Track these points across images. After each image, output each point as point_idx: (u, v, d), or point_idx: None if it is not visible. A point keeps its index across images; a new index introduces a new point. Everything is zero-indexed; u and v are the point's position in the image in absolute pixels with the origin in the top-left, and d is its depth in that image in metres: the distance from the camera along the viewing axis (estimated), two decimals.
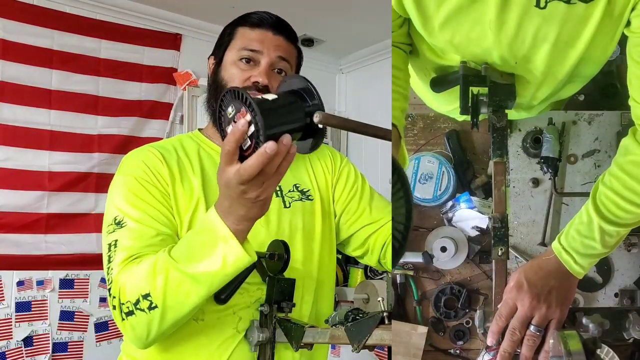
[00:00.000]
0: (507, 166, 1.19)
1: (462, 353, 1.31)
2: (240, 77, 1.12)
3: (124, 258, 0.98)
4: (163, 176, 1.08)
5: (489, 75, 1.02)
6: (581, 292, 1.25)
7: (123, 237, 1.00)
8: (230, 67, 1.14)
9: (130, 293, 0.93)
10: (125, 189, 1.05)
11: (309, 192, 1.24)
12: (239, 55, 1.13)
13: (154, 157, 1.10)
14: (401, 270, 1.32)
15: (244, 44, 1.14)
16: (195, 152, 1.17)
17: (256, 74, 1.12)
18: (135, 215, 1.02)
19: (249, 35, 1.15)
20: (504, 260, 1.00)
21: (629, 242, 1.26)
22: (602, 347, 1.14)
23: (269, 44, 1.14)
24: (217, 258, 0.88)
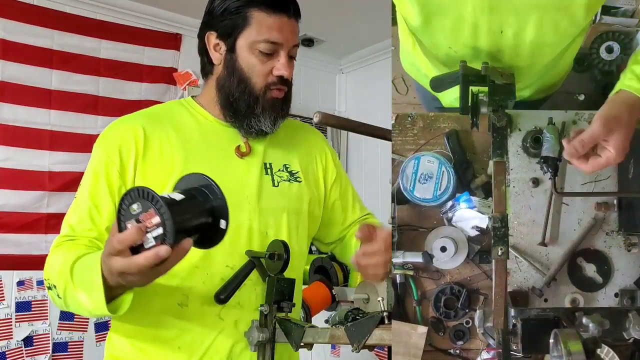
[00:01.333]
0: (507, 166, 1.19)
1: (462, 353, 1.31)
2: (262, 70, 1.12)
3: (62, 234, 1.09)
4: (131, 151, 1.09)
5: (489, 75, 1.02)
6: (581, 292, 1.25)
7: (72, 208, 1.10)
8: (248, 56, 1.12)
9: (47, 274, 1.04)
10: (91, 160, 1.12)
11: (297, 174, 1.24)
12: (258, 47, 1.10)
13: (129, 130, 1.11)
14: (401, 270, 1.32)
15: (264, 34, 1.10)
16: (185, 120, 1.17)
17: (279, 66, 1.11)
18: (88, 189, 1.09)
19: (267, 22, 1.10)
20: (504, 260, 1.00)
21: (629, 242, 1.26)
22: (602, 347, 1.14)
23: (287, 32, 1.12)
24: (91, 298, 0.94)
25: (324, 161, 1.32)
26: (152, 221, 0.79)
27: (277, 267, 1.02)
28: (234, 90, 1.13)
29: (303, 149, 1.29)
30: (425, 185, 1.29)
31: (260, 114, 1.13)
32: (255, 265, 1.04)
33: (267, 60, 1.11)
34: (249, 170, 1.17)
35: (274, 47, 1.11)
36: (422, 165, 1.30)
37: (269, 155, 1.22)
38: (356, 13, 2.93)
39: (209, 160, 1.14)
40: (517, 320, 1.05)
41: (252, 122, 1.14)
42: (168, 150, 1.11)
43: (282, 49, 1.11)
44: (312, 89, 3.58)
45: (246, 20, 1.11)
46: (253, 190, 1.15)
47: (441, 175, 1.29)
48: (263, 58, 1.11)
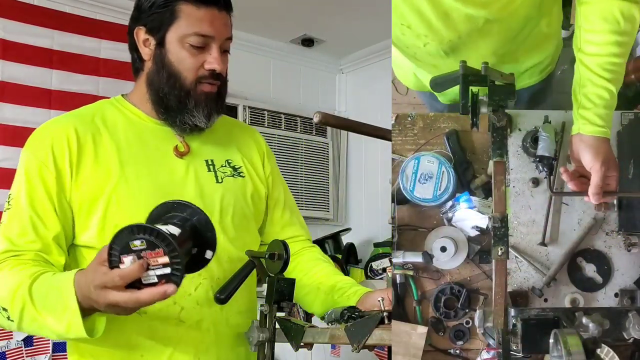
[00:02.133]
0: (507, 166, 1.19)
1: (462, 353, 1.31)
2: (193, 64, 1.09)
3: (2, 250, 1.02)
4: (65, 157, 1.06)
5: (489, 75, 1.02)
6: (581, 292, 1.25)
7: (8, 219, 1.04)
8: (178, 51, 1.09)
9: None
10: (22, 168, 1.08)
11: (240, 169, 1.23)
12: (188, 40, 1.08)
13: (63, 136, 1.07)
14: (401, 270, 1.32)
15: (193, 27, 1.08)
16: (117, 120, 1.15)
17: (210, 60, 1.09)
18: (22, 202, 1.04)
19: (196, 15, 1.08)
20: (504, 260, 1.00)
21: (629, 242, 1.26)
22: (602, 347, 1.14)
23: (218, 24, 1.10)
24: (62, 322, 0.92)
25: (263, 158, 1.30)
26: (158, 260, 0.80)
27: (277, 267, 1.02)
28: (164, 85, 1.11)
29: (242, 144, 1.27)
30: (425, 185, 1.29)
31: (193, 108, 1.11)
32: (255, 265, 1.04)
33: (198, 54, 1.09)
34: (189, 170, 1.14)
35: (204, 40, 1.09)
36: (422, 165, 1.30)
37: (209, 152, 1.19)
38: (356, 13, 2.93)
39: (146, 162, 1.11)
40: (517, 320, 1.05)
41: (186, 117, 1.11)
42: (103, 154, 1.08)
43: (213, 42, 1.09)
44: (312, 89, 3.58)
45: (174, 14, 1.08)
46: (196, 190, 1.13)
47: (441, 175, 1.29)
48: (194, 51, 1.09)
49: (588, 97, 1.05)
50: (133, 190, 1.07)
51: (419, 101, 1.94)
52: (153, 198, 1.01)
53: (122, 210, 1.06)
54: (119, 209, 1.06)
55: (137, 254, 0.81)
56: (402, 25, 1.12)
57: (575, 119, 1.08)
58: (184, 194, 1.09)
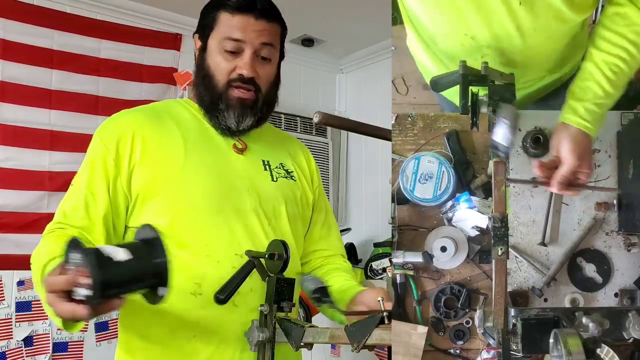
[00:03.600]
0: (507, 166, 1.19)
1: (462, 353, 1.31)
2: (225, 68, 1.16)
3: (55, 221, 1.11)
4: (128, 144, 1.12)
5: (489, 75, 1.02)
6: (581, 292, 1.25)
7: (67, 195, 1.13)
8: (215, 56, 1.17)
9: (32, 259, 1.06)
10: (90, 151, 1.16)
11: (292, 173, 1.30)
12: (223, 45, 1.15)
13: (130, 125, 1.14)
14: (401, 270, 1.32)
15: (227, 32, 1.15)
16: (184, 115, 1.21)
17: (241, 64, 1.15)
18: (84, 178, 1.12)
19: (230, 22, 1.15)
20: (504, 260, 1.00)
21: (629, 242, 1.26)
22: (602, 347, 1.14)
23: (251, 31, 1.15)
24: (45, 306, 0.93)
25: (312, 172, 1.36)
26: (82, 280, 0.79)
27: (277, 266, 1.02)
28: (200, 86, 1.19)
29: (293, 153, 1.34)
30: (425, 185, 1.29)
31: (225, 110, 1.17)
32: (255, 265, 1.04)
33: (232, 59, 1.15)
34: (248, 165, 1.21)
35: (237, 45, 1.14)
36: (422, 165, 1.30)
37: (265, 152, 1.26)
38: (356, 13, 2.93)
39: (209, 153, 1.18)
40: (517, 320, 1.05)
41: (219, 117, 1.18)
42: (168, 142, 1.15)
43: (246, 47, 1.15)
44: (312, 89, 3.58)
45: (215, 21, 1.17)
46: (253, 182, 1.19)
47: (441, 175, 1.29)
48: (228, 56, 1.15)
49: (583, 89, 1.05)
50: (195, 177, 1.13)
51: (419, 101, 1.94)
52: (212, 187, 1.13)
53: (183, 195, 1.12)
54: (180, 194, 1.12)
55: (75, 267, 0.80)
56: (465, 36, 1.10)
57: (564, 110, 1.07)
58: (242, 185, 1.16)
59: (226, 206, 1.14)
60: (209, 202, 1.13)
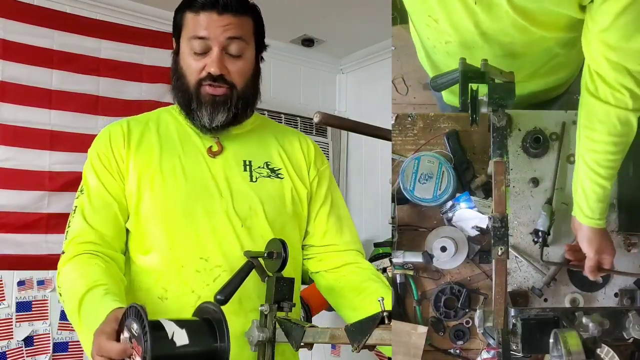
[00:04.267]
0: (507, 166, 1.19)
1: (462, 353, 1.31)
2: (195, 68, 1.16)
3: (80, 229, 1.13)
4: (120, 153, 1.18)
5: (488, 72, 1.02)
6: (581, 292, 1.25)
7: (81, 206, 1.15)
8: (186, 57, 1.18)
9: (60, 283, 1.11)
10: (89, 161, 1.21)
11: (279, 171, 1.25)
12: (191, 45, 1.16)
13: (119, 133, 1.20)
14: (401, 270, 1.32)
15: (192, 31, 1.15)
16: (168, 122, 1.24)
17: (209, 62, 1.14)
18: (93, 186, 1.16)
19: (194, 20, 1.15)
20: (504, 260, 1.00)
21: (629, 242, 1.26)
22: (602, 346, 1.14)
23: (216, 27, 1.13)
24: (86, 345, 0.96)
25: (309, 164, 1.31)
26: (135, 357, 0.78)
27: (276, 266, 1.02)
28: (175, 87, 1.22)
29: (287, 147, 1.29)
30: (425, 185, 1.29)
31: (197, 108, 1.17)
32: (254, 265, 1.04)
33: (201, 59, 1.15)
34: (224, 166, 1.20)
35: (204, 43, 1.14)
36: (422, 165, 1.30)
37: (248, 153, 1.24)
38: (356, 13, 2.93)
39: (183, 157, 1.19)
40: (517, 320, 1.05)
41: (194, 116, 1.19)
42: (146, 150, 1.18)
43: (213, 44, 1.14)
44: (312, 89, 3.58)
45: (182, 22, 1.19)
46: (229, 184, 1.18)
47: (441, 175, 1.29)
48: (197, 56, 1.16)
49: (584, 190, 1.11)
50: (167, 182, 1.15)
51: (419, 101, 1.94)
52: (182, 190, 1.15)
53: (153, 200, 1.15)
54: (151, 199, 1.15)
55: (130, 337, 0.79)
56: (429, 17, 1.13)
57: (574, 203, 1.15)
58: (214, 189, 1.17)
59: (195, 209, 1.14)
60: (177, 206, 1.14)
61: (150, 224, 1.14)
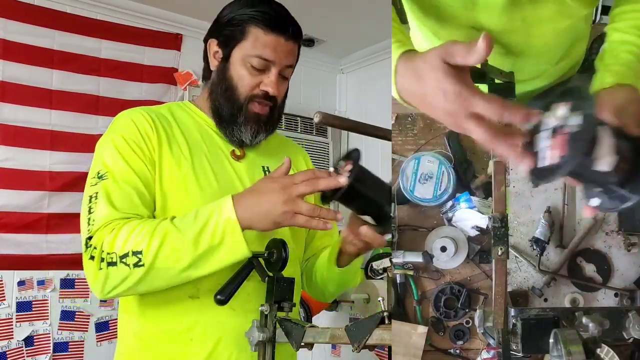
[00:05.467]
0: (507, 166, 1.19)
1: (462, 353, 1.31)
2: (250, 83, 1.15)
3: (108, 214, 1.03)
4: (151, 141, 1.11)
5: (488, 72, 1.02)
6: (581, 292, 1.25)
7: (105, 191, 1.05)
8: (240, 69, 1.15)
9: (120, 246, 0.98)
10: (112, 146, 1.10)
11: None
12: (249, 60, 1.14)
13: (144, 120, 1.13)
14: (401, 270, 1.32)
15: (257, 50, 1.13)
16: (185, 119, 1.20)
17: (267, 82, 1.15)
18: (119, 170, 1.07)
19: (262, 40, 1.13)
20: (504, 260, 1.00)
21: (629, 242, 1.26)
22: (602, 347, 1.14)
23: (281, 51, 1.15)
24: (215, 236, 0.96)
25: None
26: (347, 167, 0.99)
27: (276, 265, 1.02)
28: (221, 96, 1.17)
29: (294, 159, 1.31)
30: (425, 185, 1.29)
31: (242, 123, 1.16)
32: (254, 265, 1.04)
33: (257, 75, 1.15)
34: (247, 171, 1.20)
35: (265, 63, 1.14)
36: (422, 165, 1.30)
37: (265, 159, 1.25)
38: (356, 13, 2.93)
39: (210, 160, 1.17)
40: (517, 320, 1.05)
41: (234, 130, 1.17)
42: (175, 146, 1.14)
43: (273, 66, 1.15)
44: (312, 89, 3.58)
45: (244, 34, 1.14)
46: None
47: (441, 175, 1.29)
48: (253, 72, 1.14)
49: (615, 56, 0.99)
50: (200, 182, 1.13)
51: None
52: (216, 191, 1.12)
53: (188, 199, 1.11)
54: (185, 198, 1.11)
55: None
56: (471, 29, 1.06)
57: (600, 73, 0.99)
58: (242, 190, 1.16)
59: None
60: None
61: None
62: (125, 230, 1.00)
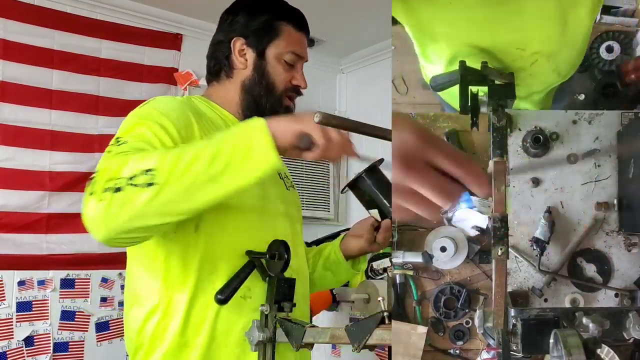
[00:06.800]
0: (507, 166, 1.19)
1: (462, 353, 1.31)
2: (285, 78, 1.23)
3: (122, 150, 0.94)
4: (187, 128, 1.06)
5: (488, 74, 1.02)
6: (581, 292, 1.25)
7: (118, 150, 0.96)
8: (276, 65, 1.22)
9: (128, 169, 0.86)
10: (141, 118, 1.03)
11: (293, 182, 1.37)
12: (286, 57, 1.22)
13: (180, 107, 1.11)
14: (401, 270, 1.32)
15: (293, 46, 1.23)
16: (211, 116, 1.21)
17: (298, 77, 1.25)
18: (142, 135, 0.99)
19: (295, 37, 1.24)
20: (504, 260, 1.00)
21: (629, 242, 1.26)
22: (602, 347, 1.14)
23: (305, 49, 1.27)
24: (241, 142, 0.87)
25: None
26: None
27: (278, 267, 1.02)
28: (263, 92, 1.22)
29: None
30: None
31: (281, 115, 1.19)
32: (255, 265, 1.05)
33: (289, 70, 1.23)
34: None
35: (296, 59, 1.24)
36: None
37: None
38: (357, 13, 2.93)
39: None
40: (517, 320, 1.05)
41: None
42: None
43: (299, 63, 1.25)
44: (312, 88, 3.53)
45: (277, 32, 1.22)
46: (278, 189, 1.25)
47: None
48: (286, 67, 1.23)
49: None
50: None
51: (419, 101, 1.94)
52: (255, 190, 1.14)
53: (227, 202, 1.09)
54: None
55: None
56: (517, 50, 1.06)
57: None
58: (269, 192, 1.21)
59: (268, 208, 1.19)
60: (255, 203, 1.15)
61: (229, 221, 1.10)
62: (135, 156, 0.89)
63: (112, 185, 0.86)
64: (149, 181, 0.84)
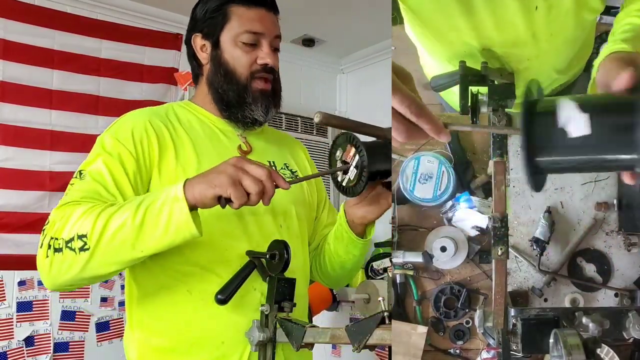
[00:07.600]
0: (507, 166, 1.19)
1: (462, 353, 1.31)
2: (247, 60, 1.16)
3: (66, 201, 1.00)
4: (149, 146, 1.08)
5: (489, 75, 1.02)
6: (581, 292, 1.25)
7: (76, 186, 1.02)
8: (232, 50, 1.16)
9: (66, 232, 0.94)
10: (101, 147, 1.07)
11: (296, 173, 1.29)
12: (242, 38, 1.15)
13: (142, 126, 1.10)
14: (401, 270, 1.32)
15: (244, 26, 1.15)
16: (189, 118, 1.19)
17: (262, 55, 1.16)
18: (98, 171, 1.03)
19: (247, 15, 1.15)
20: (504, 260, 1.00)
21: (629, 242, 1.26)
22: (602, 347, 1.14)
23: (267, 23, 1.17)
24: (163, 216, 0.90)
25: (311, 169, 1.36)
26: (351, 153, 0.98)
27: (278, 267, 1.02)
28: (222, 82, 1.17)
29: (294, 153, 1.33)
30: (425, 185, 1.29)
31: (252, 103, 1.16)
32: (255, 265, 1.04)
33: (250, 51, 1.15)
34: None
35: (255, 37, 1.15)
36: (422, 165, 1.30)
37: (270, 153, 1.25)
38: (356, 13, 2.93)
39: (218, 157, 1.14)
40: (517, 320, 1.05)
41: (246, 112, 1.17)
42: (181, 147, 1.12)
43: (264, 38, 1.16)
44: (312, 89, 3.58)
45: (227, 16, 1.15)
46: None
47: (441, 175, 1.29)
48: (246, 49, 1.15)
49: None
50: None
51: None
52: None
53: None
54: None
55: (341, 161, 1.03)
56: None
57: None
58: None
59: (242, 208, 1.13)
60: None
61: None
62: (69, 215, 0.95)
63: (54, 244, 0.95)
64: (82, 246, 0.92)
